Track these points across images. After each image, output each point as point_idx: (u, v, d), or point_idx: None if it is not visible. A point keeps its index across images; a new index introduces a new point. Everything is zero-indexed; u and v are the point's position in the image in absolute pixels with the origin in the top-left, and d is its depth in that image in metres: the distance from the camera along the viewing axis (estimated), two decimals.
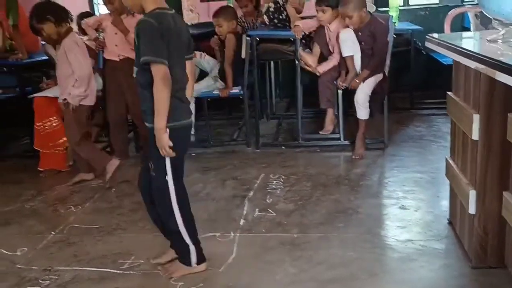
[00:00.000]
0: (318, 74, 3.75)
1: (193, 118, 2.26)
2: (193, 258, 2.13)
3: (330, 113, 3.84)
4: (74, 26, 3.97)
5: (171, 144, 1.92)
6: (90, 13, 4.78)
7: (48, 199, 3.13)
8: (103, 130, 4.11)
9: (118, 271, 2.21)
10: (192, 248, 2.11)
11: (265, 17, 4.11)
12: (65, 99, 3.24)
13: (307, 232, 2.47)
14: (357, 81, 3.47)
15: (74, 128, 3.27)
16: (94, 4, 5.60)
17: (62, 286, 2.12)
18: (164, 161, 1.97)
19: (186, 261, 2.13)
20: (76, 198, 3.11)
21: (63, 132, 3.59)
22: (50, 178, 3.51)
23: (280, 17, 4.04)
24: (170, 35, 1.91)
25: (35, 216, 2.88)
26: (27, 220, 2.83)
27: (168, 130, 1.91)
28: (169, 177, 2.00)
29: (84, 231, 2.63)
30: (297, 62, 3.72)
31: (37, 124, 3.55)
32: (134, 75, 2.11)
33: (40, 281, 2.16)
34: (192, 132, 3.92)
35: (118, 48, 3.53)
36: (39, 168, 3.56)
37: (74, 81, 3.19)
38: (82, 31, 3.95)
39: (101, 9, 5.39)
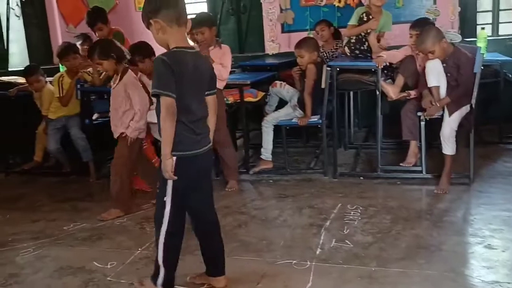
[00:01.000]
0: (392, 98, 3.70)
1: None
2: (160, 280, 2.19)
3: (412, 145, 3.74)
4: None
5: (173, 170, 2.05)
6: None
7: (136, 217, 3.33)
8: None
9: None
10: (162, 270, 2.18)
11: (346, 48, 4.15)
12: (122, 133, 3.40)
13: (386, 266, 2.41)
14: (437, 104, 3.37)
15: (124, 163, 3.39)
16: None
17: None
18: (167, 184, 2.10)
19: (154, 279, 2.22)
20: None
21: (151, 154, 3.83)
22: (139, 197, 3.73)
23: (362, 47, 4.05)
24: (183, 71, 2.04)
25: (124, 232, 3.08)
26: (117, 236, 3.03)
27: (174, 157, 2.05)
28: (167, 200, 2.11)
29: None
30: (377, 92, 3.70)
31: None
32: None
33: None
34: (270, 159, 4.03)
35: None
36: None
37: (133, 115, 3.37)
38: None
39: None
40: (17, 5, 5.13)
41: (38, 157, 4.67)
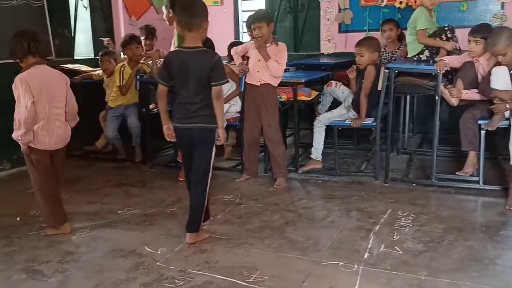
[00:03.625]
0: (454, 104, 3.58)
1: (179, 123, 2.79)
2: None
3: (471, 155, 3.58)
4: (225, 53, 4.36)
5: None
6: (240, 42, 5.18)
7: (186, 206, 3.37)
8: (236, 148, 4.40)
9: (245, 283, 2.32)
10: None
11: (427, 51, 4.01)
12: None
13: (436, 277, 2.34)
14: (507, 105, 3.22)
15: None
16: (240, 33, 6.04)
17: None
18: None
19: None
20: (210, 208, 3.33)
21: None
22: (182, 187, 3.80)
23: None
24: (174, 66, 2.69)
25: (174, 220, 3.16)
26: (167, 223, 3.11)
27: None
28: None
29: (215, 240, 2.82)
30: (437, 97, 3.59)
31: None
32: None
33: (176, 280, 2.36)
34: (320, 159, 4.01)
35: (259, 73, 3.76)
36: (179, 178, 3.91)
37: None
38: (231, 58, 4.29)
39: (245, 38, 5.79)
40: None
41: (100, 144, 4.88)
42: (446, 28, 3.97)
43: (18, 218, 3.26)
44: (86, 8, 5.39)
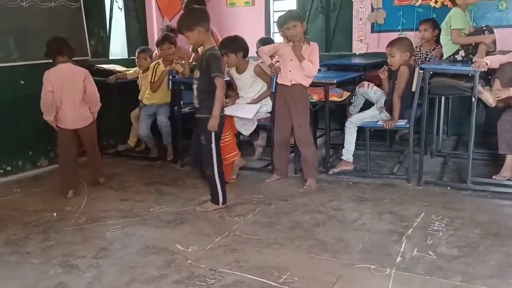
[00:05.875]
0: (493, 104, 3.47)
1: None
2: (220, 199, 3.35)
3: (509, 159, 3.48)
4: (254, 49, 4.36)
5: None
6: (269, 38, 5.18)
7: None
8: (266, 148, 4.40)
9: (275, 284, 2.32)
10: (220, 192, 3.34)
11: (462, 51, 3.88)
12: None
13: (471, 283, 2.28)
14: None
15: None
16: (271, 33, 6.04)
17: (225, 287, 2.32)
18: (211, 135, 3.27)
19: (215, 201, 3.34)
20: (240, 209, 3.36)
21: (233, 147, 3.94)
22: None
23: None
24: None
25: (205, 219, 3.19)
26: (198, 222, 3.15)
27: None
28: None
29: (245, 240, 2.83)
30: (473, 99, 3.49)
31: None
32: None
33: (207, 279, 2.38)
34: (351, 160, 3.97)
35: (291, 73, 3.75)
36: None
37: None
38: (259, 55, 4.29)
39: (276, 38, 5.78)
40: None
41: (132, 142, 5.01)
42: (484, 28, 3.87)
43: (54, 214, 3.36)
44: (120, 9, 5.51)
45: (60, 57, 3.66)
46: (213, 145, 3.23)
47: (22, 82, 4.27)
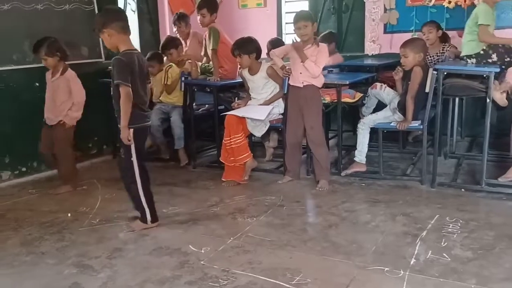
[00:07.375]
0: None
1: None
2: (148, 217, 3.08)
3: None
4: (265, 50, 4.37)
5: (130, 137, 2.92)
6: (279, 39, 5.17)
7: (228, 207, 3.45)
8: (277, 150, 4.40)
9: (288, 285, 2.31)
10: (147, 210, 3.06)
11: (494, 55, 3.67)
12: (61, 120, 3.92)
13: (486, 285, 2.26)
14: None
15: (68, 145, 3.97)
16: (283, 34, 6.04)
17: None
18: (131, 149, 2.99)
19: (143, 220, 3.08)
20: (252, 210, 3.36)
21: (245, 148, 3.95)
22: (231, 188, 3.87)
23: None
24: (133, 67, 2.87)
25: (217, 220, 3.20)
26: (211, 223, 3.16)
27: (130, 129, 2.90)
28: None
29: (258, 241, 2.83)
30: (488, 100, 3.46)
31: (225, 139, 3.96)
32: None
33: (220, 280, 2.39)
34: (364, 162, 3.96)
35: (302, 75, 3.75)
36: (222, 179, 3.96)
37: (71, 105, 3.95)
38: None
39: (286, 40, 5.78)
40: (133, 0, 5.54)
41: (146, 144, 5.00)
42: None
43: (69, 214, 3.40)
44: (134, 11, 5.55)
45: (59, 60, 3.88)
46: (133, 159, 2.96)
47: (37, 84, 4.32)
